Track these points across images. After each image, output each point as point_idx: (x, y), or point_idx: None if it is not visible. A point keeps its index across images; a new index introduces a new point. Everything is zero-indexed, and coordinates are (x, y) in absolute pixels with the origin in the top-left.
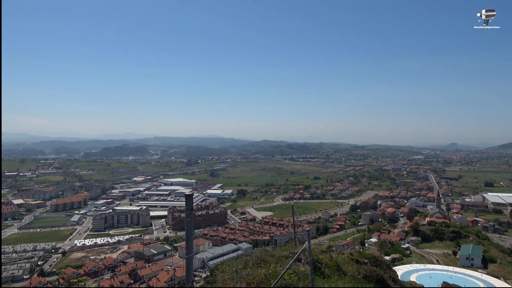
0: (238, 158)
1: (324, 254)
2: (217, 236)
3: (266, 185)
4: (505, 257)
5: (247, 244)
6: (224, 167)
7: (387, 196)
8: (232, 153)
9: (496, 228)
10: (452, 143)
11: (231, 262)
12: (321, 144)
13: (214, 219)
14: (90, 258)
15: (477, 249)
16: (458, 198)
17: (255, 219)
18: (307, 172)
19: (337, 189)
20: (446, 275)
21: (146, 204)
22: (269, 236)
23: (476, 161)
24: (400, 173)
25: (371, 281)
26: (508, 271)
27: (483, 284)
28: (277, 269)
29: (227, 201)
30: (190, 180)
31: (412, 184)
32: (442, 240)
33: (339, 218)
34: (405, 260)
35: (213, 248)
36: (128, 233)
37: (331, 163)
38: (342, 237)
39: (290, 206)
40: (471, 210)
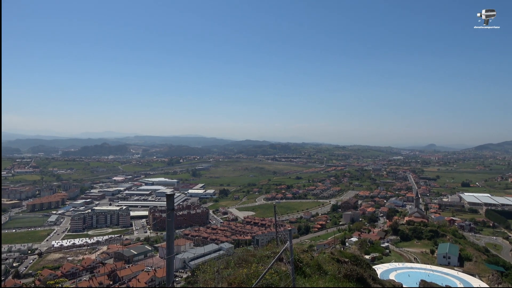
0: (220, 158)
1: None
2: (198, 236)
3: (248, 185)
4: (480, 256)
5: (229, 244)
6: (206, 167)
7: (367, 196)
8: (215, 152)
9: (472, 227)
10: (430, 144)
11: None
12: (303, 144)
13: (196, 219)
14: (68, 259)
15: (454, 248)
16: (436, 198)
17: (237, 219)
18: (289, 172)
19: (318, 189)
20: (424, 273)
21: (126, 204)
22: (251, 236)
23: (453, 162)
24: (380, 173)
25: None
26: (483, 269)
27: (459, 282)
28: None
29: (209, 201)
30: (172, 179)
31: (392, 184)
32: (420, 239)
33: (321, 217)
34: (384, 259)
35: (195, 248)
36: (107, 233)
37: (313, 163)
38: (323, 236)
39: (272, 206)
40: (448, 210)
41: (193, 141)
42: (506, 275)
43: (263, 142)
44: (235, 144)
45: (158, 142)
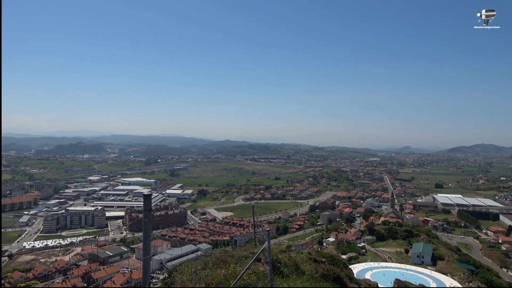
0: (199, 158)
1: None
2: (176, 237)
3: (227, 185)
4: (452, 255)
5: (207, 245)
6: (185, 167)
7: (344, 197)
8: (193, 152)
9: (444, 227)
10: (406, 146)
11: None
12: (282, 145)
13: (174, 219)
14: (40, 261)
15: (427, 247)
16: (411, 198)
17: (216, 220)
18: (268, 172)
19: (297, 189)
20: (399, 272)
21: (101, 204)
22: (229, 236)
23: (427, 163)
24: (358, 174)
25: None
26: (455, 268)
27: (432, 281)
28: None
29: (187, 201)
30: (149, 179)
31: (368, 185)
32: (395, 239)
33: (299, 218)
34: (360, 259)
35: (172, 249)
36: (81, 234)
37: (292, 163)
38: (301, 236)
39: (250, 206)
40: (422, 210)
41: (171, 141)
42: (476, 273)
43: (242, 142)
44: (214, 144)
45: (136, 141)
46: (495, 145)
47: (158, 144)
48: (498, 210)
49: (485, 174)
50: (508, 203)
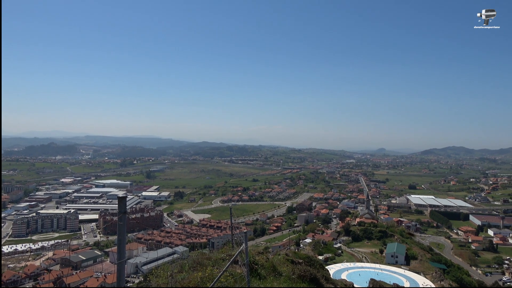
0: (176, 160)
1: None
2: (152, 240)
3: (204, 187)
4: (425, 254)
5: (183, 248)
6: (161, 169)
7: (321, 198)
8: (170, 154)
9: (417, 227)
10: (381, 148)
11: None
12: (260, 147)
13: (150, 222)
14: (8, 267)
15: (401, 247)
16: (385, 199)
17: (193, 222)
18: (246, 174)
19: (274, 191)
20: (374, 272)
21: (74, 207)
22: (206, 238)
23: (401, 165)
24: (334, 176)
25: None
26: (427, 267)
27: (405, 280)
28: (214, 272)
29: (163, 204)
30: (125, 181)
31: (344, 186)
32: (370, 240)
33: (276, 219)
34: (337, 259)
35: (148, 252)
36: (53, 238)
37: (270, 165)
38: (278, 238)
39: (228, 208)
40: (396, 211)
41: (148, 142)
42: (447, 272)
43: (220, 144)
44: (191, 145)
45: (111, 142)
46: (465, 147)
47: (134, 145)
48: (468, 210)
49: (456, 175)
50: (477, 203)
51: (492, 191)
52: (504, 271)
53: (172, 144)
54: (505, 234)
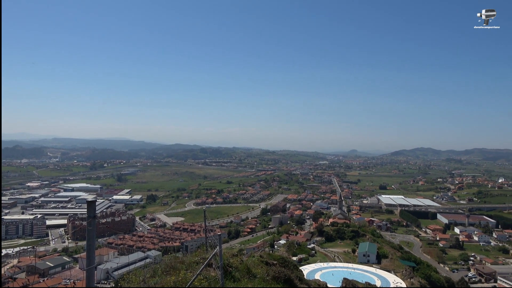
0: (148, 162)
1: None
2: (123, 244)
3: (178, 190)
4: (395, 253)
5: (156, 252)
6: (133, 172)
7: (295, 199)
8: (142, 156)
9: (388, 226)
10: (352, 150)
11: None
12: (234, 148)
13: (121, 226)
14: None
15: (372, 246)
16: (357, 200)
17: (166, 225)
18: (220, 176)
19: (249, 193)
20: (346, 271)
21: (41, 212)
22: (179, 242)
23: (372, 166)
24: (308, 177)
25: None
26: (398, 265)
27: (377, 278)
28: (187, 276)
29: (135, 207)
30: (95, 185)
31: (318, 187)
32: (343, 239)
33: (250, 221)
34: (310, 260)
35: (119, 257)
36: (19, 245)
37: (244, 167)
38: (253, 240)
39: (202, 211)
40: (368, 211)
41: (119, 145)
42: (417, 269)
43: (193, 146)
44: (164, 148)
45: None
46: (432, 148)
47: (104, 148)
48: (436, 209)
49: (424, 176)
50: (444, 202)
51: (458, 190)
52: (469, 267)
53: (144, 146)
54: (470, 231)
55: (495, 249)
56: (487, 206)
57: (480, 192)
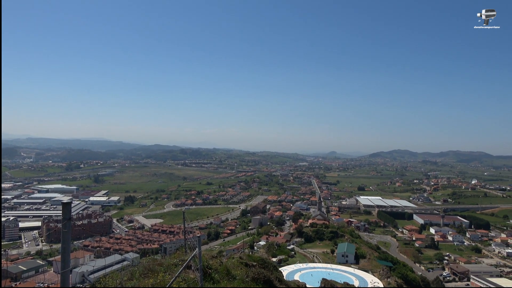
0: (126, 163)
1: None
2: (100, 247)
3: (156, 191)
4: (373, 253)
5: (134, 254)
6: (111, 172)
7: (275, 201)
8: (120, 157)
9: (366, 227)
10: (332, 151)
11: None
12: (214, 149)
13: (97, 228)
14: None
15: (351, 247)
16: (336, 201)
17: (144, 227)
18: (200, 177)
19: (229, 194)
20: (325, 272)
21: (14, 214)
22: (158, 244)
23: (351, 168)
24: (288, 179)
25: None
26: (375, 265)
27: (355, 278)
28: (166, 278)
29: (113, 209)
30: (70, 186)
31: (297, 189)
32: (322, 240)
33: (230, 223)
34: (290, 261)
35: (95, 260)
36: None
37: (224, 168)
38: (233, 241)
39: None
40: (346, 212)
41: (96, 145)
42: (393, 269)
43: (173, 147)
44: (143, 148)
45: (55, 145)
46: (409, 150)
47: (81, 148)
48: (412, 210)
49: (401, 177)
50: (420, 203)
51: (433, 191)
52: (444, 267)
53: (122, 147)
54: (445, 231)
55: (468, 248)
56: (461, 206)
57: (454, 193)
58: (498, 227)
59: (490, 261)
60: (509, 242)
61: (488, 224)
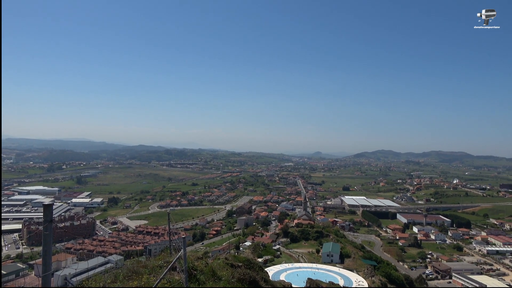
0: (110, 164)
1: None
2: (83, 249)
3: (141, 192)
4: (357, 252)
5: (118, 256)
6: (94, 174)
7: (261, 201)
8: (104, 158)
9: (351, 227)
10: (317, 152)
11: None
12: (200, 150)
13: (80, 230)
14: None
15: (336, 246)
16: (321, 201)
17: (128, 229)
18: (185, 178)
19: (214, 195)
20: (311, 272)
21: None
22: (143, 246)
23: (336, 168)
24: (273, 179)
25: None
26: (360, 264)
27: (340, 277)
28: (150, 280)
29: (96, 211)
30: (52, 188)
31: (283, 189)
32: (307, 240)
33: (216, 224)
34: (276, 261)
35: (77, 263)
36: None
37: (210, 169)
38: (218, 242)
39: (166, 213)
40: (331, 212)
41: (79, 146)
42: (378, 268)
43: (158, 147)
44: (127, 149)
45: (36, 145)
46: (393, 151)
47: (63, 149)
48: (396, 209)
49: (385, 177)
50: (403, 203)
51: (416, 191)
52: (427, 265)
53: (105, 147)
54: (427, 230)
55: (450, 247)
56: (443, 206)
57: (437, 193)
58: (479, 225)
59: (471, 259)
60: (489, 240)
61: (469, 222)
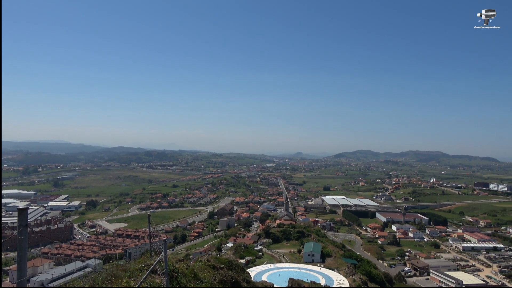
0: (88, 166)
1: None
2: (60, 254)
3: (120, 195)
4: (338, 251)
5: (97, 260)
6: (71, 176)
7: (242, 202)
8: (81, 160)
9: (332, 226)
10: (298, 152)
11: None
12: (180, 151)
13: (57, 235)
14: None
15: (317, 246)
16: (303, 201)
17: (107, 232)
18: (165, 180)
19: (195, 196)
20: (292, 272)
21: None
22: (122, 249)
23: (317, 168)
24: (255, 180)
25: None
26: (341, 263)
27: (321, 277)
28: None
29: (74, 214)
30: (28, 191)
31: (264, 190)
32: (289, 240)
33: (197, 225)
34: (258, 262)
35: (55, 268)
36: None
37: (190, 170)
38: (200, 244)
39: (146, 216)
40: (313, 212)
41: (55, 148)
42: (358, 267)
43: (137, 149)
44: (105, 151)
45: (11, 148)
46: (372, 151)
47: (38, 151)
48: (375, 208)
49: (364, 177)
50: (382, 202)
51: (395, 190)
52: (405, 262)
53: (83, 149)
54: (406, 229)
55: (428, 244)
56: (421, 204)
57: (415, 192)
58: (455, 223)
59: (448, 255)
60: (465, 237)
61: (446, 220)
